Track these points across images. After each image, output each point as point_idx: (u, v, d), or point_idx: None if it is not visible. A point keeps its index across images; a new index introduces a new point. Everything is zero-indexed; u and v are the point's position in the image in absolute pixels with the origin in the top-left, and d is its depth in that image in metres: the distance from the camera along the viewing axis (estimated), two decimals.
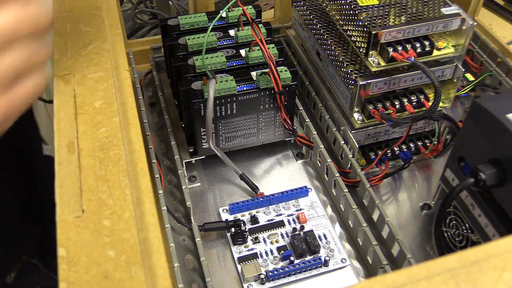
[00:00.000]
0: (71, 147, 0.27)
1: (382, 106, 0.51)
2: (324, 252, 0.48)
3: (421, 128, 0.55)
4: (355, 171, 0.51)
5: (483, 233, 0.41)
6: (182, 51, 0.53)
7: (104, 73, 0.32)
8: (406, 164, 0.54)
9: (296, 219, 0.50)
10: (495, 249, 0.23)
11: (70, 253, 0.22)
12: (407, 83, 0.51)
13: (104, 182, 0.26)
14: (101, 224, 0.24)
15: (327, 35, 0.56)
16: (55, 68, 0.32)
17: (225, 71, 0.51)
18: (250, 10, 0.56)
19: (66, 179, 0.26)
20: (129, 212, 0.24)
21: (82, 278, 0.22)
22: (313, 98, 0.59)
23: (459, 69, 0.51)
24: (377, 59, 0.48)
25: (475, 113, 0.40)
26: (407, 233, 0.50)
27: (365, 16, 0.48)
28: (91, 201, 0.25)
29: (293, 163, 0.57)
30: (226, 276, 0.46)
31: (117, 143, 0.28)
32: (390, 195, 0.54)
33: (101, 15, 0.37)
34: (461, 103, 0.64)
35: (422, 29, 0.48)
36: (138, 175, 0.27)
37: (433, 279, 0.22)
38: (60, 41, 0.34)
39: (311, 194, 0.53)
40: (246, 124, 0.52)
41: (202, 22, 0.55)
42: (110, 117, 0.29)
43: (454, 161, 0.44)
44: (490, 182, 0.38)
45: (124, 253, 0.23)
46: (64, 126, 0.28)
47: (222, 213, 0.51)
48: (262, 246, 0.48)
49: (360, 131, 0.53)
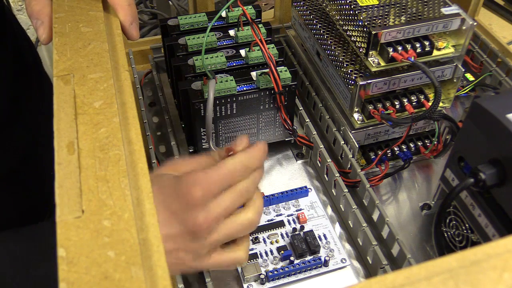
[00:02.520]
0: (71, 147, 0.27)
1: (382, 106, 0.51)
2: (324, 252, 0.48)
3: (421, 128, 0.55)
4: (355, 171, 0.51)
5: (483, 233, 0.41)
6: (182, 51, 0.53)
7: (104, 73, 0.32)
8: (406, 164, 0.54)
9: (296, 219, 0.50)
10: (495, 249, 0.23)
11: (70, 253, 0.22)
12: (407, 83, 0.51)
13: (104, 182, 0.26)
14: (101, 224, 0.24)
15: (327, 35, 0.56)
16: (55, 68, 0.32)
17: (225, 71, 0.51)
18: (250, 10, 0.56)
19: (66, 179, 0.26)
20: (129, 212, 0.24)
21: (82, 279, 0.22)
22: (313, 98, 0.59)
23: (459, 69, 0.51)
24: (377, 59, 0.48)
25: (475, 113, 0.40)
26: (407, 233, 0.50)
27: (365, 16, 0.48)
28: (91, 202, 0.25)
29: (293, 163, 0.57)
30: (226, 276, 0.46)
31: (117, 143, 0.28)
32: (390, 195, 0.54)
33: (101, 15, 0.37)
34: (461, 103, 0.64)
35: (422, 29, 0.48)
36: (138, 175, 0.27)
37: (433, 279, 0.22)
38: (60, 41, 0.34)
39: (311, 194, 0.53)
40: (246, 124, 0.52)
41: (202, 22, 0.55)
42: (110, 117, 0.29)
43: (454, 161, 0.44)
44: (490, 182, 0.38)
45: (124, 254, 0.23)
46: (64, 126, 0.28)
47: None
48: (262, 246, 0.48)
49: (360, 131, 0.53)
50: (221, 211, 0.37)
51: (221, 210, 0.37)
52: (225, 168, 0.37)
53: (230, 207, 0.38)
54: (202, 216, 0.36)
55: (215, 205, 0.37)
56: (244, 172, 0.39)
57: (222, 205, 0.37)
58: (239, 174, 0.38)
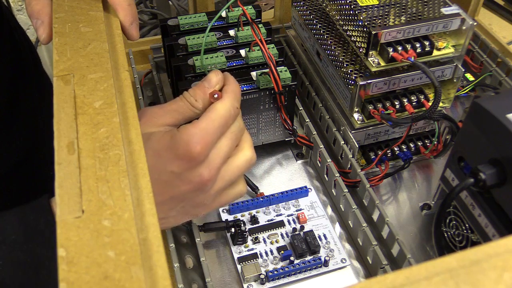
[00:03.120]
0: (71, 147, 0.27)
1: (382, 106, 0.51)
2: (324, 252, 0.48)
3: (421, 128, 0.55)
4: (355, 171, 0.51)
5: (483, 233, 0.41)
6: (182, 51, 0.53)
7: (104, 73, 0.32)
8: (406, 164, 0.54)
9: (296, 219, 0.50)
10: (495, 249, 0.23)
11: (70, 253, 0.22)
12: (407, 83, 0.51)
13: (104, 182, 0.26)
14: (101, 224, 0.24)
15: (327, 35, 0.56)
16: (55, 68, 0.32)
17: (225, 71, 0.51)
18: (250, 10, 0.56)
19: (66, 179, 0.26)
20: (129, 212, 0.24)
21: (82, 279, 0.22)
22: (313, 98, 0.59)
23: (459, 69, 0.51)
24: (377, 59, 0.48)
25: (475, 113, 0.40)
26: (407, 233, 0.50)
27: (365, 16, 0.48)
28: (91, 202, 0.25)
29: (293, 163, 0.57)
30: (226, 276, 0.46)
31: (117, 144, 0.28)
32: (390, 195, 0.54)
33: (101, 15, 0.37)
34: (461, 103, 0.64)
35: (422, 29, 0.48)
36: (138, 176, 0.27)
37: (433, 279, 0.22)
38: (60, 41, 0.34)
39: (311, 194, 0.53)
40: (246, 124, 0.52)
41: (202, 22, 0.55)
42: (110, 117, 0.29)
43: (454, 161, 0.44)
44: (490, 182, 0.38)
45: (124, 254, 0.23)
46: (64, 126, 0.28)
47: (222, 213, 0.51)
48: (262, 246, 0.48)
49: (360, 131, 0.53)
50: (222, 160, 0.37)
51: (221, 159, 0.37)
52: (219, 116, 0.37)
53: (228, 152, 0.38)
54: (206, 171, 0.36)
55: (215, 155, 0.37)
56: (235, 113, 0.38)
57: (221, 153, 0.37)
58: (233, 118, 0.38)
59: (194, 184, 0.36)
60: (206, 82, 0.40)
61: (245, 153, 0.39)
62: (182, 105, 0.39)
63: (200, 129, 0.36)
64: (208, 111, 0.37)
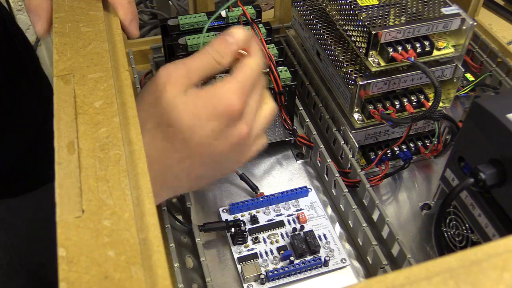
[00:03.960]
0: (71, 147, 0.27)
1: (382, 106, 0.51)
2: (324, 252, 0.47)
3: (421, 128, 0.55)
4: (355, 171, 0.51)
5: (483, 233, 0.41)
6: (182, 51, 0.53)
7: (104, 73, 0.32)
8: (406, 164, 0.54)
9: (296, 219, 0.50)
10: (495, 249, 0.23)
11: (70, 253, 0.22)
12: (407, 83, 0.51)
13: (104, 182, 0.26)
14: (101, 224, 0.24)
15: (327, 35, 0.56)
16: (55, 68, 0.32)
17: (225, 71, 0.51)
18: (250, 10, 0.56)
19: (66, 179, 0.26)
20: (129, 212, 0.24)
21: (82, 278, 0.22)
22: (313, 98, 0.59)
23: (459, 69, 0.51)
24: (377, 59, 0.48)
25: (475, 113, 0.40)
26: (407, 233, 0.50)
27: (365, 16, 0.48)
28: (91, 201, 0.25)
29: (293, 163, 0.57)
30: (226, 276, 0.46)
31: (117, 143, 0.28)
32: (390, 195, 0.54)
33: (101, 15, 0.37)
34: (461, 103, 0.64)
35: (422, 29, 0.48)
36: (138, 175, 0.27)
37: (433, 279, 0.22)
38: (60, 41, 0.34)
39: (311, 194, 0.53)
40: None
41: (202, 22, 0.55)
42: (110, 117, 0.29)
43: (454, 161, 0.44)
44: (490, 182, 0.38)
45: (124, 253, 0.23)
46: (64, 126, 0.28)
47: (222, 213, 0.51)
48: (262, 246, 0.48)
49: (360, 131, 0.53)
50: (254, 114, 0.38)
51: (254, 113, 0.38)
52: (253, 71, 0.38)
53: (257, 106, 0.39)
54: (244, 127, 0.37)
55: (249, 111, 0.38)
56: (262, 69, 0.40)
57: (254, 107, 0.38)
58: (261, 73, 0.39)
59: (235, 140, 0.37)
60: (230, 37, 0.38)
61: (269, 104, 0.41)
62: (206, 62, 0.38)
63: (239, 86, 0.36)
64: (242, 67, 0.37)
